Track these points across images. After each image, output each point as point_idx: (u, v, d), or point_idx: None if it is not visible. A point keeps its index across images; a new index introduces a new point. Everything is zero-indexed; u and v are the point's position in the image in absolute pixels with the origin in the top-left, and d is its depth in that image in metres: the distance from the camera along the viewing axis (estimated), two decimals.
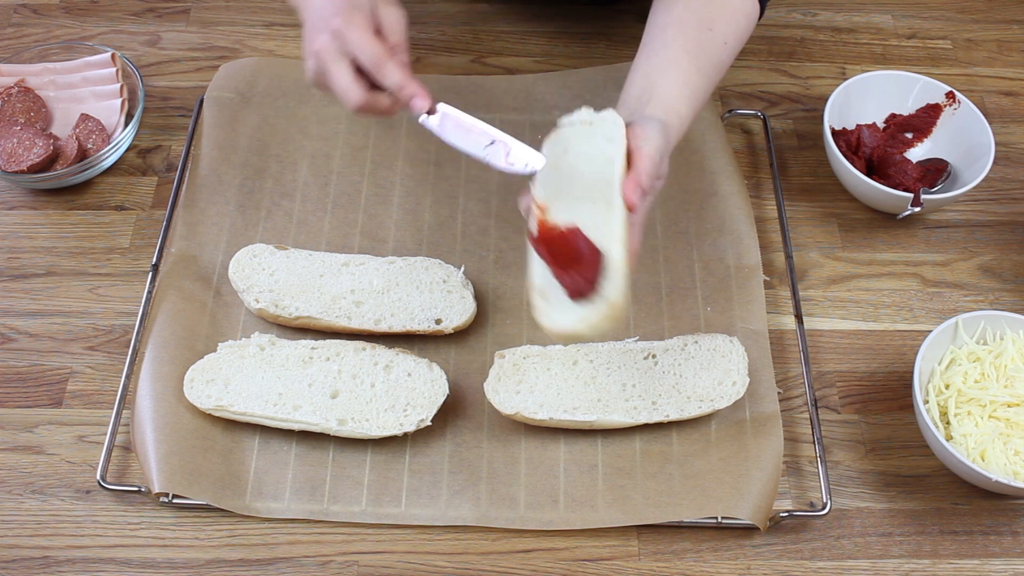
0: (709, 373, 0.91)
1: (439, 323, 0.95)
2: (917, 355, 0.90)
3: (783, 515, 0.87)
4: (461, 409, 0.92)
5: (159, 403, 0.89)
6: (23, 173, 1.02)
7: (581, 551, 0.86)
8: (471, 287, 0.97)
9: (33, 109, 1.09)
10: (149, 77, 1.17)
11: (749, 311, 0.97)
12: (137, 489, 0.87)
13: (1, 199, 1.07)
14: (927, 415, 0.87)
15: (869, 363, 0.98)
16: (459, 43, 1.23)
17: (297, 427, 0.88)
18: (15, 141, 1.03)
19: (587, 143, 0.83)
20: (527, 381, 0.90)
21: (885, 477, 0.92)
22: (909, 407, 0.95)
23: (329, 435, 0.89)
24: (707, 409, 0.90)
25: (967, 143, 1.08)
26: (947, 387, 0.91)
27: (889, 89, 1.11)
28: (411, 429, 0.88)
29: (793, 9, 1.28)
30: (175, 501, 0.86)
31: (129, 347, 0.94)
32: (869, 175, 1.05)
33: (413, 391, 0.90)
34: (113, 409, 0.91)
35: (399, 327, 0.95)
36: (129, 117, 1.10)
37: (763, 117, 1.15)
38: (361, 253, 1.01)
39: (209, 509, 0.86)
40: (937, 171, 1.07)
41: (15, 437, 0.91)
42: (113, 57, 1.12)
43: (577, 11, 1.25)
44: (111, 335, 0.97)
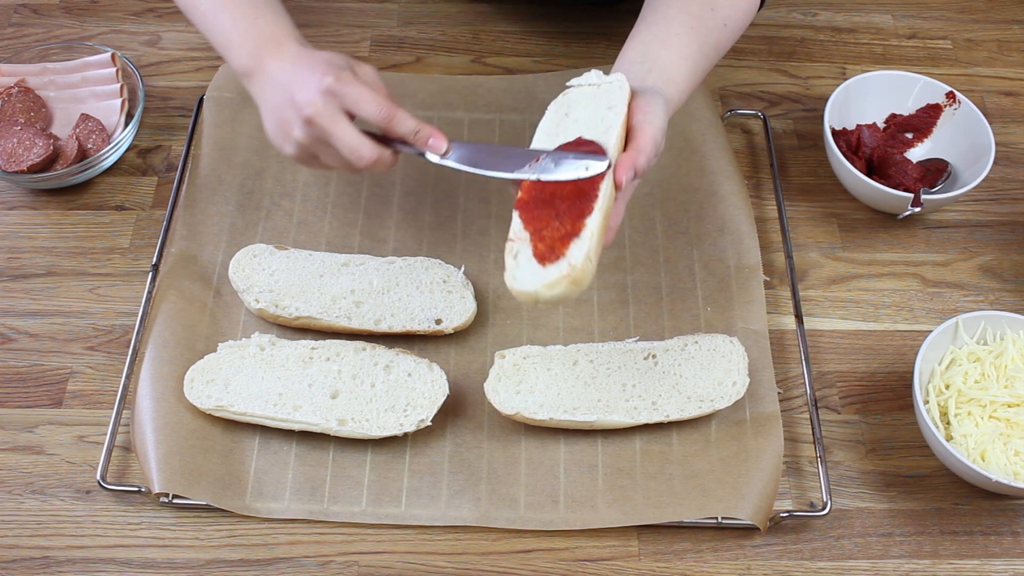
0: (709, 373, 0.91)
1: (439, 323, 0.95)
2: (917, 355, 0.90)
3: (783, 515, 0.87)
4: (461, 409, 0.92)
5: (159, 403, 0.89)
6: (23, 173, 1.02)
7: (581, 551, 0.86)
8: (471, 287, 0.97)
9: (33, 109, 1.09)
10: (149, 77, 1.17)
11: (749, 311, 0.97)
12: (137, 489, 0.87)
13: (1, 199, 1.07)
14: (927, 415, 0.87)
15: (869, 363, 0.98)
16: (459, 43, 1.23)
17: (297, 427, 0.88)
18: (15, 141, 1.03)
19: (589, 108, 0.83)
20: (527, 381, 0.90)
21: (885, 477, 0.92)
22: (909, 407, 0.95)
23: (329, 435, 0.89)
24: (707, 409, 0.90)
25: (967, 143, 1.08)
26: (947, 387, 0.91)
27: (889, 89, 1.11)
28: (411, 429, 0.88)
29: (793, 9, 1.28)
30: (175, 501, 0.86)
31: (129, 347, 0.94)
32: (869, 175, 1.05)
33: (413, 391, 0.90)
34: (113, 409, 0.91)
35: (399, 327, 0.95)
36: (129, 117, 1.10)
37: (763, 117, 1.15)
38: (361, 253, 1.01)
39: (209, 509, 0.86)
40: (937, 171, 1.07)
41: (15, 437, 0.91)
42: (113, 57, 1.12)
43: (577, 11, 1.25)
44: (111, 335, 0.97)
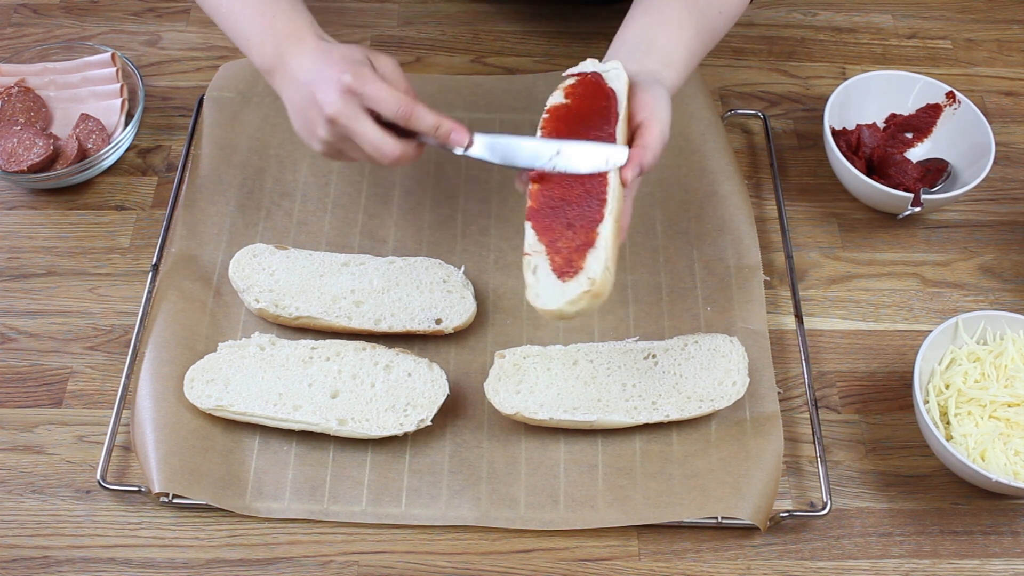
0: (709, 373, 0.91)
1: (439, 323, 0.95)
2: (917, 355, 0.90)
3: (783, 515, 0.87)
4: (461, 409, 0.92)
5: (159, 403, 0.89)
6: (23, 173, 1.02)
7: (581, 551, 0.86)
8: (471, 287, 0.97)
9: (33, 109, 1.09)
10: (149, 77, 1.17)
11: (749, 311, 0.97)
12: (137, 489, 0.87)
13: (1, 199, 1.07)
14: (927, 415, 0.87)
15: (869, 363, 0.98)
16: (459, 43, 1.23)
17: (297, 427, 0.88)
18: (15, 141, 1.03)
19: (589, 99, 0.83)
20: (527, 381, 0.90)
21: (885, 477, 0.92)
22: (909, 407, 0.95)
23: (329, 435, 0.89)
24: (707, 409, 0.90)
25: (967, 143, 1.08)
26: (947, 387, 0.91)
27: (889, 89, 1.11)
28: (411, 429, 0.88)
29: (793, 9, 1.28)
30: (175, 501, 0.86)
31: (129, 347, 0.95)
32: (869, 175, 1.05)
33: (413, 391, 0.90)
34: (113, 409, 0.91)
35: (399, 327, 0.95)
36: (129, 117, 1.10)
37: (763, 117, 1.15)
38: (361, 253, 1.01)
39: (209, 509, 0.86)
40: (937, 171, 1.07)
41: (15, 437, 0.91)
42: (113, 57, 1.12)
43: (577, 11, 1.25)
44: (111, 335, 0.97)
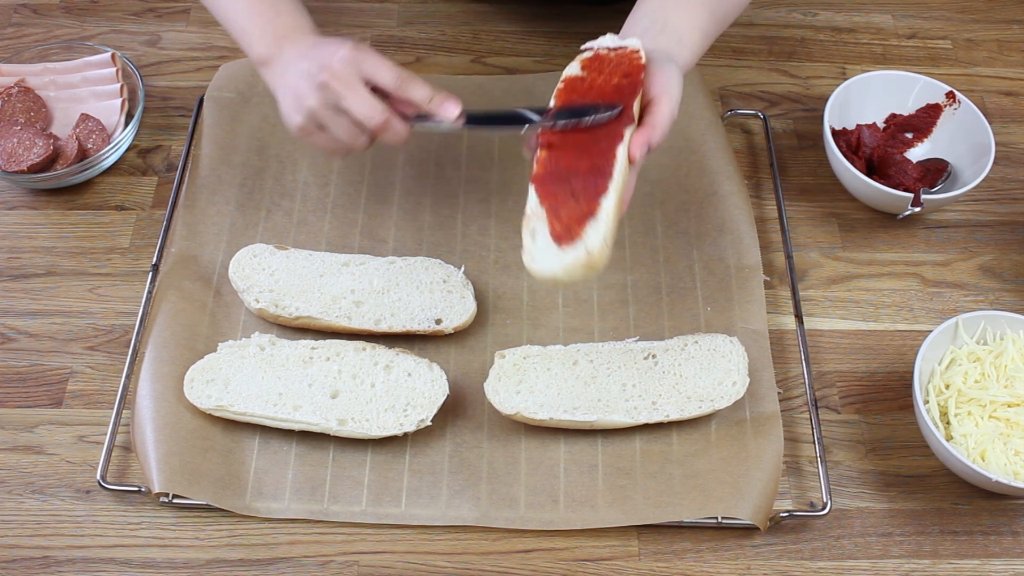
0: (709, 373, 0.91)
1: (439, 323, 0.95)
2: (917, 355, 0.90)
3: (783, 515, 0.87)
4: (461, 409, 0.92)
5: (159, 403, 0.89)
6: (23, 173, 1.02)
7: (581, 551, 0.86)
8: (471, 287, 0.97)
9: (33, 109, 1.09)
10: (149, 77, 1.17)
11: (749, 311, 0.97)
12: (137, 489, 0.87)
13: (1, 199, 1.07)
14: (927, 415, 0.87)
15: (869, 363, 0.98)
16: (459, 43, 1.23)
17: (297, 427, 0.88)
18: (15, 141, 1.03)
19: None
20: (527, 381, 0.90)
21: (885, 477, 0.92)
22: (909, 407, 0.95)
23: (329, 435, 0.89)
24: (707, 409, 0.90)
25: (967, 143, 1.08)
26: (947, 387, 0.91)
27: (889, 89, 1.11)
28: (411, 429, 0.88)
29: (793, 9, 1.28)
30: (175, 501, 0.86)
31: (129, 347, 0.95)
32: (869, 175, 1.05)
33: (413, 391, 0.90)
34: (113, 409, 0.91)
35: (399, 327, 0.95)
36: (129, 117, 1.10)
37: (763, 117, 1.15)
38: (361, 253, 1.01)
39: (209, 509, 0.86)
40: (937, 171, 1.07)
41: (15, 437, 0.91)
42: (113, 57, 1.12)
43: (577, 11, 1.25)
44: (111, 335, 0.97)
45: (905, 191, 1.02)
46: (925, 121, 1.11)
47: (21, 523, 0.87)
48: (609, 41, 0.87)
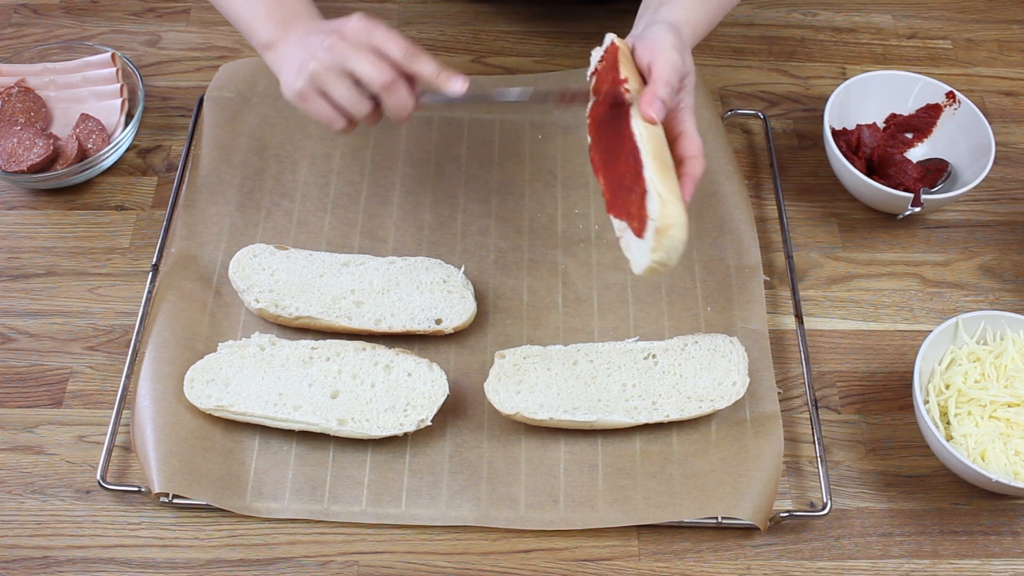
0: (709, 373, 0.91)
1: (439, 323, 0.95)
2: (917, 355, 0.90)
3: (783, 515, 0.87)
4: (461, 409, 0.92)
5: (159, 403, 0.89)
6: (23, 173, 1.02)
7: (581, 551, 0.86)
8: (471, 287, 0.97)
9: (33, 109, 1.09)
10: (149, 77, 1.17)
11: (749, 311, 0.97)
12: (137, 489, 0.87)
13: (1, 199, 1.07)
14: (927, 415, 0.87)
15: (869, 363, 0.98)
16: (459, 43, 1.23)
17: (297, 427, 0.88)
18: (15, 141, 1.03)
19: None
20: (527, 381, 0.90)
21: (885, 477, 0.92)
22: (909, 407, 0.95)
23: (329, 435, 0.89)
24: (707, 409, 0.90)
25: (967, 143, 1.08)
26: (947, 387, 0.91)
27: (889, 89, 1.11)
28: (411, 429, 0.88)
29: (793, 9, 1.28)
30: (175, 501, 0.86)
31: (129, 347, 0.94)
32: (869, 175, 1.05)
33: (413, 391, 0.90)
34: (113, 409, 0.91)
35: (399, 327, 0.95)
36: (129, 117, 1.10)
37: (763, 117, 1.15)
38: (361, 253, 1.01)
39: (209, 509, 0.86)
40: (937, 171, 1.07)
41: (15, 437, 0.91)
42: (113, 57, 1.12)
43: (577, 11, 1.25)
44: (111, 335, 0.97)
45: (905, 191, 1.02)
46: (925, 121, 1.11)
47: (21, 523, 0.87)
48: (596, 55, 0.88)
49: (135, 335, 0.95)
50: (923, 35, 1.26)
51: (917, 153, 1.11)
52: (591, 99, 0.87)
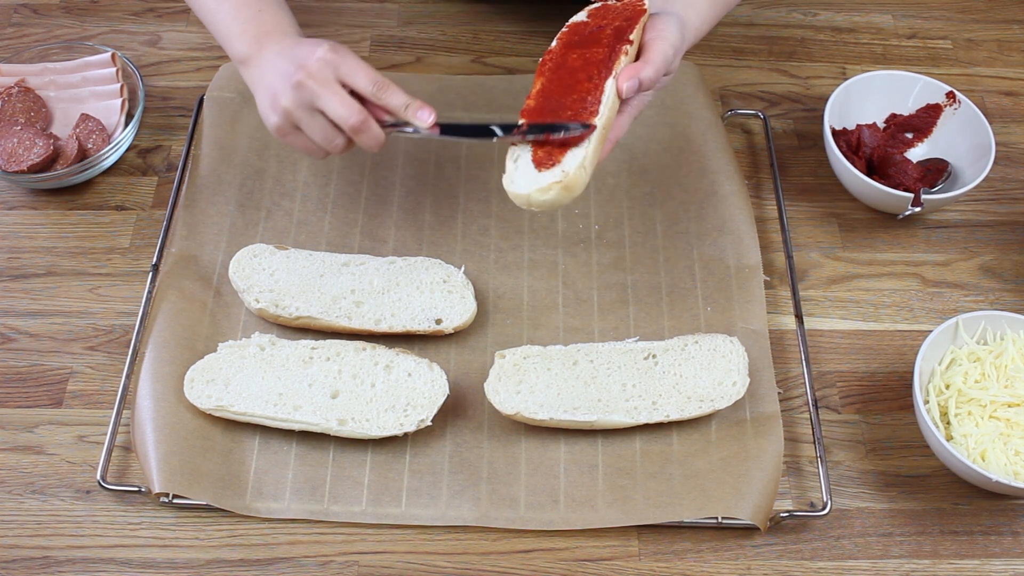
0: (709, 373, 0.91)
1: (439, 323, 0.95)
2: (917, 355, 0.90)
3: (783, 515, 0.87)
4: (461, 409, 0.92)
5: (159, 403, 0.89)
6: (23, 173, 1.02)
7: (581, 551, 0.86)
8: (471, 287, 0.97)
9: (33, 109, 1.09)
10: (149, 77, 1.17)
11: (749, 311, 0.97)
12: (137, 489, 0.87)
13: (1, 199, 1.07)
14: (927, 415, 0.87)
15: (869, 363, 0.98)
16: (459, 43, 1.23)
17: (297, 427, 0.88)
18: (15, 141, 1.03)
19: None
20: (527, 381, 0.90)
21: (885, 477, 0.92)
22: (909, 407, 0.95)
23: (329, 435, 0.89)
24: (707, 409, 0.90)
25: (967, 143, 1.08)
26: (947, 387, 0.91)
27: (889, 89, 1.11)
28: (411, 429, 0.88)
29: (793, 9, 1.28)
30: (175, 501, 0.86)
31: (129, 347, 0.94)
32: (869, 175, 1.05)
33: (413, 391, 0.90)
34: (113, 409, 0.91)
35: (399, 327, 0.95)
36: (129, 117, 1.10)
37: (763, 117, 1.15)
38: (361, 253, 1.01)
39: (209, 509, 0.86)
40: (937, 171, 1.07)
41: (15, 437, 0.91)
42: (113, 57, 1.12)
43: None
44: (111, 335, 0.97)
45: (905, 191, 1.02)
46: (925, 121, 1.11)
47: (21, 523, 0.87)
48: None
49: (135, 335, 0.95)
50: (923, 35, 1.26)
51: (917, 153, 1.11)
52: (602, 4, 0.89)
